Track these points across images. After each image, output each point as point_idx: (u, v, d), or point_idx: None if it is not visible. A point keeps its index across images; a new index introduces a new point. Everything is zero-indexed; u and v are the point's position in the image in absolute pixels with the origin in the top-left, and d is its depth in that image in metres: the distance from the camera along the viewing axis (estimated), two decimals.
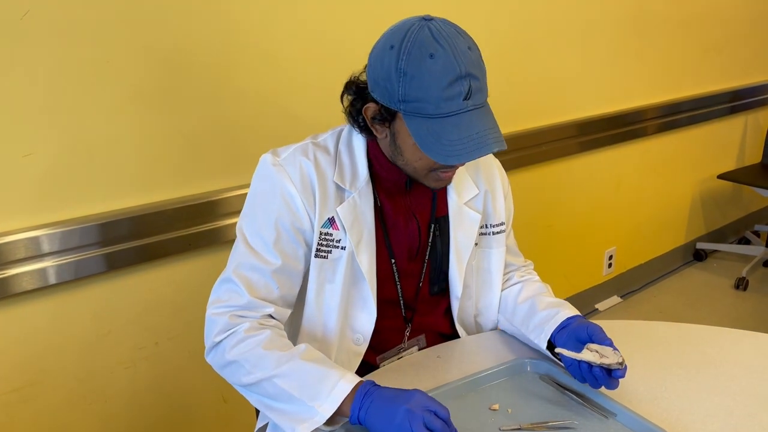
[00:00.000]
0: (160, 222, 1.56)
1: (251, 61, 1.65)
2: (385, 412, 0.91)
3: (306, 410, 0.95)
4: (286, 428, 0.97)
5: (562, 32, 2.47)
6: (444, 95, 0.92)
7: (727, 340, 1.23)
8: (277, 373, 0.98)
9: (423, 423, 0.87)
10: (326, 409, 0.94)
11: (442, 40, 0.92)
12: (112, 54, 1.43)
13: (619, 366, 0.98)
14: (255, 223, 1.09)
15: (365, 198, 1.11)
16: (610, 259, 3.05)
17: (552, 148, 2.53)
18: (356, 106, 1.07)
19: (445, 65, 0.92)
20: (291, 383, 0.97)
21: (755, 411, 1.01)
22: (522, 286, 1.27)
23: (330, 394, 0.95)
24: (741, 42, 3.42)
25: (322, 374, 0.97)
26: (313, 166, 1.08)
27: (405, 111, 0.97)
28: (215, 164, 1.65)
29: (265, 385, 0.99)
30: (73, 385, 1.52)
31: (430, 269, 1.20)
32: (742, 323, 2.90)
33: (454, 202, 1.19)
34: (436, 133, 0.94)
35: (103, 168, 1.47)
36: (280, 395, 0.98)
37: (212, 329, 1.05)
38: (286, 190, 1.07)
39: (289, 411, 0.97)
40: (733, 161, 3.68)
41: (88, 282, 1.49)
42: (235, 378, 1.03)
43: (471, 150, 0.94)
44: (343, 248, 1.10)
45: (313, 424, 0.94)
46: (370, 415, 0.92)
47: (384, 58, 0.96)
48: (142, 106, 1.50)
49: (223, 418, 1.80)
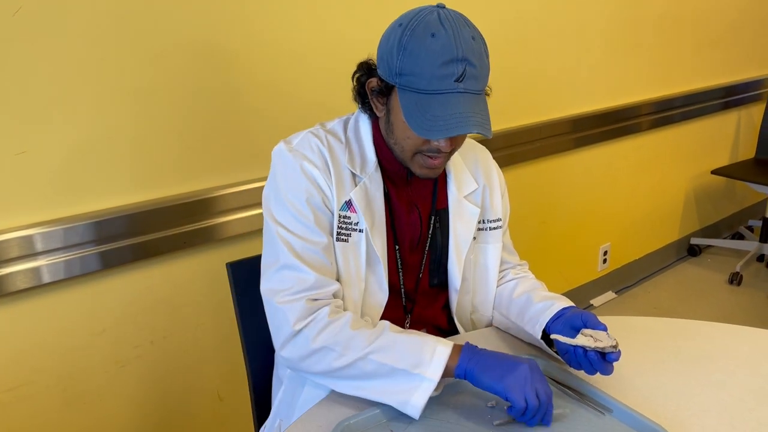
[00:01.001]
0: (155, 220, 1.55)
1: (247, 58, 1.64)
2: (501, 366, 0.96)
3: (412, 378, 0.96)
4: (395, 403, 0.97)
5: (556, 28, 2.47)
6: (437, 73, 0.96)
7: (722, 335, 1.23)
8: (372, 350, 0.98)
9: (535, 389, 0.93)
10: (433, 372, 0.96)
11: (447, 23, 0.97)
12: (105, 51, 1.42)
13: (613, 349, 0.98)
14: (289, 209, 1.08)
15: (375, 183, 1.13)
16: (604, 254, 3.06)
17: (546, 145, 2.53)
18: (361, 80, 1.11)
19: (444, 45, 0.95)
20: (389, 356, 0.98)
21: (751, 406, 1.01)
22: (517, 283, 1.28)
23: (432, 358, 0.97)
24: (734, 38, 3.43)
25: (417, 342, 0.99)
26: (327, 149, 1.11)
27: (399, 84, 1.01)
28: (210, 162, 1.64)
29: (360, 364, 0.99)
30: (68, 384, 1.52)
31: (430, 261, 1.22)
32: (736, 318, 2.92)
33: (453, 195, 1.21)
34: (422, 107, 0.98)
35: (97, 165, 1.47)
36: (379, 371, 0.98)
37: (289, 317, 1.02)
38: (308, 170, 1.09)
39: (393, 385, 0.97)
40: (726, 157, 3.70)
41: (82, 280, 1.49)
42: (321, 365, 1.01)
43: (452, 127, 0.96)
44: (360, 231, 1.12)
45: (423, 390, 0.96)
46: (480, 367, 0.96)
47: (391, 34, 1.01)
48: (135, 103, 1.49)
49: (220, 416, 1.80)
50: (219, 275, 1.29)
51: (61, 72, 1.37)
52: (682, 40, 3.10)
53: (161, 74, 1.51)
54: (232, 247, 1.70)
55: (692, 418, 0.98)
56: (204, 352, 1.73)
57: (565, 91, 2.60)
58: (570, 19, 2.50)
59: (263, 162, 1.72)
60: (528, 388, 0.93)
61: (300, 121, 1.75)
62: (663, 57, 3.02)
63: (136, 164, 1.52)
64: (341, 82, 1.82)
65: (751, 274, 3.36)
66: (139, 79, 1.48)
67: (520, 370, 0.95)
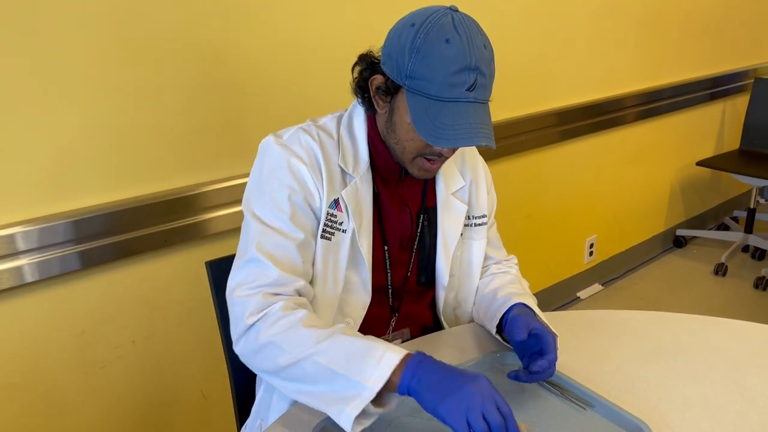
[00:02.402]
0: (136, 218, 1.53)
1: (230, 55, 1.62)
2: (444, 385, 0.85)
3: (351, 386, 0.87)
4: (331, 412, 0.89)
5: (541, 21, 2.46)
6: (449, 81, 0.95)
7: (704, 327, 1.23)
8: (317, 350, 0.91)
9: (482, 412, 0.81)
10: (374, 382, 0.86)
11: (461, 29, 0.96)
12: (84, 48, 1.40)
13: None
14: (268, 202, 1.06)
15: (366, 183, 1.12)
16: (591, 247, 3.07)
17: (531, 138, 2.53)
18: (364, 75, 1.08)
19: (458, 53, 0.94)
20: (333, 359, 0.90)
21: (732, 399, 1.01)
22: (493, 278, 1.27)
23: (377, 366, 0.87)
24: (719, 29, 3.44)
25: (366, 347, 0.90)
26: (318, 146, 1.08)
27: (409, 87, 0.99)
28: (191, 159, 1.62)
29: (304, 365, 0.91)
30: (49, 386, 1.50)
31: (418, 259, 1.21)
32: (721, 308, 2.94)
33: (442, 192, 1.20)
34: (432, 114, 0.96)
35: (76, 164, 1.44)
36: (321, 374, 0.90)
37: (243, 311, 0.99)
38: (295, 166, 1.06)
39: (333, 391, 0.89)
40: (711, 148, 3.71)
41: (61, 280, 1.47)
42: (269, 362, 0.95)
43: (461, 137, 0.96)
44: (344, 231, 1.10)
45: (361, 400, 0.86)
46: (424, 385, 0.85)
47: (402, 33, 0.99)
48: (115, 101, 1.47)
49: (203, 416, 1.79)
50: (201, 273, 1.27)
51: (38, 69, 1.35)
52: (667, 31, 3.10)
53: (141, 71, 1.49)
54: (214, 245, 1.68)
55: (674, 412, 0.98)
56: (187, 351, 1.71)
57: (551, 84, 2.60)
58: (555, 11, 2.49)
59: (245, 158, 1.70)
60: (473, 411, 0.81)
61: (282, 116, 1.74)
62: (648, 49, 3.02)
63: (116, 162, 1.50)
64: (324, 79, 1.81)
65: (736, 264, 3.39)
66: (119, 77, 1.46)
67: (464, 391, 0.83)
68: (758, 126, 3.51)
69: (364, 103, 1.11)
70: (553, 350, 1.01)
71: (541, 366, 0.98)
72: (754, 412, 0.98)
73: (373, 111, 1.11)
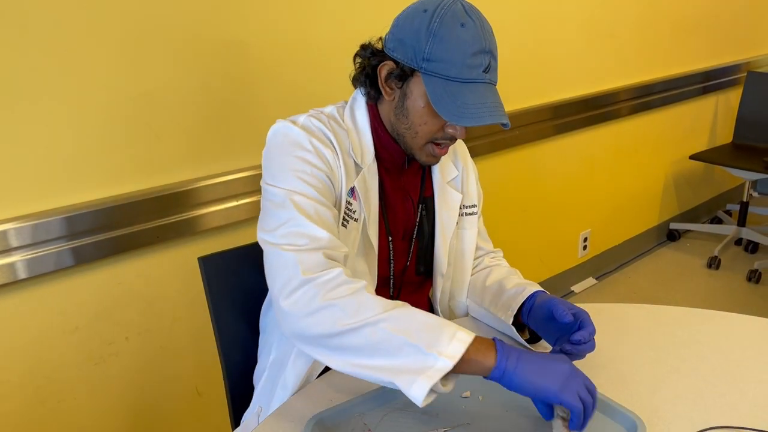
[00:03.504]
0: (129, 214, 1.52)
1: (221, 47, 1.61)
2: (546, 366, 0.86)
3: (423, 358, 0.83)
4: (400, 382, 0.84)
5: (535, 15, 2.45)
6: (468, 62, 0.98)
7: (697, 320, 1.24)
8: (386, 317, 0.86)
9: (585, 387, 0.86)
10: (450, 354, 0.83)
11: (473, 15, 1.00)
12: (72, 43, 1.39)
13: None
14: (298, 179, 1.00)
15: (372, 174, 1.12)
16: (585, 241, 3.08)
17: (526, 132, 2.53)
18: (372, 62, 1.08)
19: (474, 36, 0.98)
20: (404, 328, 0.85)
21: (725, 391, 1.02)
22: (491, 270, 1.28)
23: (451, 341, 0.84)
24: (711, 23, 3.44)
25: (438, 322, 0.87)
26: (332, 135, 1.08)
27: (426, 70, 1.00)
28: (184, 154, 1.61)
29: (367, 331, 0.85)
30: (42, 383, 1.49)
31: (418, 248, 1.22)
32: (714, 302, 2.95)
33: (438, 181, 1.22)
34: (452, 94, 0.98)
35: (69, 160, 1.44)
36: (387, 343, 0.84)
37: (299, 265, 0.91)
38: (318, 147, 1.04)
39: (400, 363, 0.84)
40: (704, 142, 3.72)
41: (54, 277, 1.46)
42: (324, 325, 0.88)
43: (483, 115, 0.98)
44: (356, 220, 1.10)
45: (435, 372, 0.82)
46: (523, 368, 0.85)
47: (415, 18, 1.01)
48: (106, 96, 1.46)
49: (198, 412, 1.79)
50: (194, 269, 1.27)
51: (25, 64, 1.34)
52: (661, 25, 3.10)
53: (134, 67, 1.48)
54: (207, 241, 1.68)
55: (666, 405, 0.98)
56: (181, 347, 1.71)
57: (545, 78, 2.60)
58: (549, 5, 2.49)
59: (238, 154, 1.70)
60: (581, 389, 0.85)
61: (275, 113, 1.73)
62: (641, 43, 3.02)
63: (109, 158, 1.49)
64: (318, 74, 1.81)
65: (729, 257, 3.40)
66: (111, 73, 1.45)
67: (568, 371, 0.86)
68: (751, 120, 3.52)
69: (370, 91, 1.10)
70: (591, 324, 1.03)
71: (582, 336, 0.99)
72: (746, 404, 0.98)
73: (376, 100, 1.11)
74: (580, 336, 1.00)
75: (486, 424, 0.95)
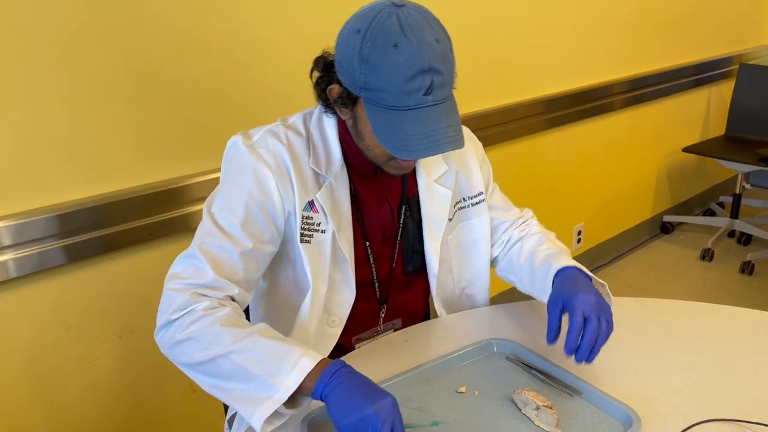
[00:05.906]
0: (120, 211, 1.51)
1: (212, 43, 1.60)
2: (351, 402, 0.85)
3: (265, 388, 0.89)
4: (243, 412, 0.90)
5: (527, 8, 2.45)
6: (404, 88, 0.92)
7: (691, 313, 1.24)
8: (234, 349, 0.92)
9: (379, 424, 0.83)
10: (288, 385, 0.88)
11: (408, 30, 0.91)
12: (60, 40, 1.37)
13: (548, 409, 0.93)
14: (225, 203, 1.05)
15: (341, 182, 1.10)
16: (578, 234, 3.08)
17: (519, 126, 2.53)
18: (321, 85, 1.05)
19: (408, 58, 0.90)
20: (249, 359, 0.91)
21: (720, 384, 1.02)
22: (522, 244, 1.28)
23: (292, 370, 0.89)
24: (704, 15, 3.44)
25: (283, 350, 0.91)
26: (287, 150, 1.07)
27: (366, 98, 0.96)
28: (176, 150, 1.60)
29: (220, 362, 0.92)
30: (35, 382, 1.48)
31: (403, 249, 1.21)
32: (707, 294, 2.96)
33: (423, 181, 1.20)
34: (393, 125, 0.94)
35: (59, 157, 1.42)
36: (236, 373, 0.91)
37: (169, 306, 0.98)
38: (260, 172, 1.05)
39: (246, 391, 0.90)
40: (697, 134, 3.73)
41: (46, 275, 1.45)
42: (186, 357, 0.96)
43: (426, 147, 0.94)
44: (323, 232, 1.09)
45: (273, 402, 0.88)
46: (334, 396, 0.87)
47: (349, 41, 0.95)
48: (97, 92, 1.45)
49: (192, 410, 1.78)
50: None
51: (17, 63, 1.33)
52: (653, 18, 3.10)
53: (123, 64, 1.47)
54: None
55: (662, 399, 0.98)
56: None
57: (538, 72, 2.59)
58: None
59: None
60: (377, 421, 0.82)
61: (270, 107, 1.72)
62: (634, 36, 3.02)
63: (99, 155, 1.48)
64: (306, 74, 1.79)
65: (722, 249, 3.41)
66: (101, 70, 1.44)
67: (366, 411, 0.83)
68: (743, 112, 3.53)
69: (327, 109, 1.08)
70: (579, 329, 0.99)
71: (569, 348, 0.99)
72: (741, 397, 0.99)
73: (338, 117, 1.09)
74: (568, 350, 0.99)
75: (480, 418, 0.95)
